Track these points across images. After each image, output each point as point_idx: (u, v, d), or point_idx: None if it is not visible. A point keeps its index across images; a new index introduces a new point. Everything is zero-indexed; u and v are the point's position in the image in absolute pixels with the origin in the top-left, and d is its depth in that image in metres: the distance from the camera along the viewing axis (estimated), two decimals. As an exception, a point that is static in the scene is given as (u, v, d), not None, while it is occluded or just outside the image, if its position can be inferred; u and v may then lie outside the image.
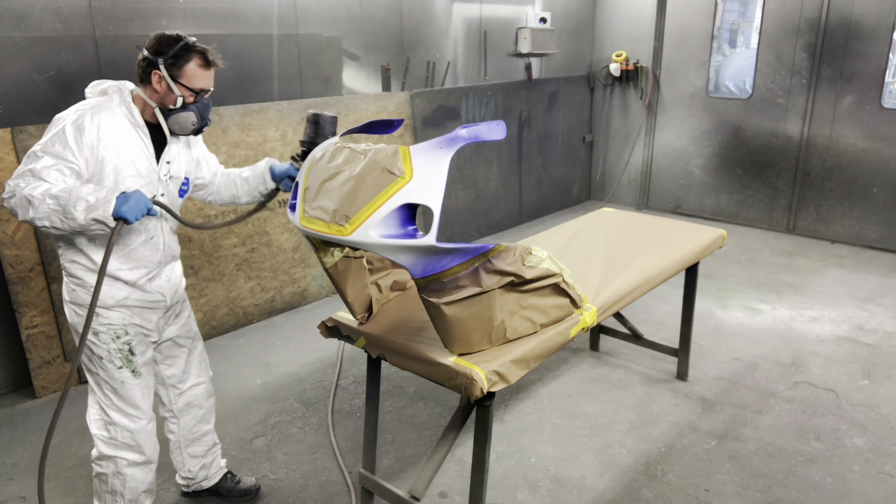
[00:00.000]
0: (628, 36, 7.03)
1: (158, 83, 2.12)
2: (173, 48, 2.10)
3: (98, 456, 2.33)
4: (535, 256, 2.01)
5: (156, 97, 2.15)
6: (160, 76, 2.11)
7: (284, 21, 4.46)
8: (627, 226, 3.41)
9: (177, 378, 2.54)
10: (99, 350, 2.23)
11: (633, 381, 3.70)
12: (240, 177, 2.52)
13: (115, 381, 2.27)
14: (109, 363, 2.24)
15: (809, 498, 2.75)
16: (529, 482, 2.88)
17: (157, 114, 2.16)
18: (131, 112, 2.13)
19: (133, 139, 2.12)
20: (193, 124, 2.20)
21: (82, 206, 1.88)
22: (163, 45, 2.11)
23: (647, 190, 7.34)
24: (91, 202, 1.89)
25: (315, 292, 4.87)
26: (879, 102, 5.65)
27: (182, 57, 2.11)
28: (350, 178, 1.83)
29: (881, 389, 3.56)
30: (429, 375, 2.06)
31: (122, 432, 2.29)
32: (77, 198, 1.89)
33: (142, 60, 2.13)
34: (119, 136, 2.08)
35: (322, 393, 3.61)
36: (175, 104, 2.15)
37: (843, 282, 5.13)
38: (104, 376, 2.26)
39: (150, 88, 2.14)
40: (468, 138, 1.75)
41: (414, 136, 5.39)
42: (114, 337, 2.23)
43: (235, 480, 2.80)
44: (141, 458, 2.34)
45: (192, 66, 2.13)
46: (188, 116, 2.18)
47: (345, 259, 2.17)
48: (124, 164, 2.08)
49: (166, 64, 2.10)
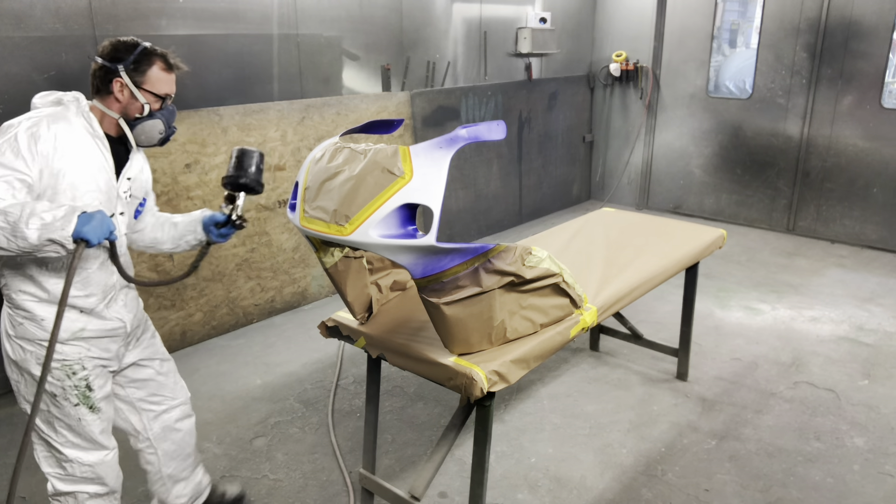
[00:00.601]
0: (628, 36, 7.03)
1: (120, 91, 1.97)
2: (132, 53, 1.97)
3: (54, 493, 2.14)
4: (535, 256, 2.01)
5: (118, 107, 2.00)
6: (122, 84, 1.96)
7: (284, 21, 4.46)
8: (627, 226, 3.41)
9: (148, 401, 2.33)
10: (52, 388, 2.02)
11: (633, 381, 3.70)
12: (169, 221, 2.32)
13: (71, 419, 2.06)
14: (64, 401, 2.04)
15: (809, 498, 2.75)
16: (529, 482, 2.88)
17: (121, 124, 2.01)
18: (90, 123, 1.96)
19: (92, 151, 1.94)
20: (161, 133, 2.06)
21: (36, 223, 1.68)
22: (120, 52, 1.97)
23: (647, 190, 7.34)
24: (47, 220, 1.69)
25: (315, 292, 4.87)
26: (879, 102, 5.65)
27: (143, 62, 1.98)
28: (350, 178, 1.83)
29: (881, 389, 3.56)
30: (429, 375, 2.06)
31: (79, 467, 2.11)
32: (31, 214, 1.69)
33: (98, 70, 1.98)
34: (77, 147, 1.90)
35: (322, 393, 3.61)
36: (141, 112, 2.00)
37: (843, 282, 5.13)
38: (57, 414, 2.05)
39: (111, 98, 1.98)
40: (468, 138, 1.75)
41: (414, 136, 5.39)
42: (69, 373, 2.03)
43: (220, 493, 2.67)
44: (104, 490, 2.16)
45: (155, 71, 2.00)
46: (155, 125, 2.04)
47: (345, 259, 2.17)
48: (83, 179, 1.90)
49: (128, 70, 1.96)
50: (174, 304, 4.04)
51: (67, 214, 1.72)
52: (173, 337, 4.05)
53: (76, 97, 1.98)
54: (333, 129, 4.70)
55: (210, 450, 3.12)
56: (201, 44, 4.06)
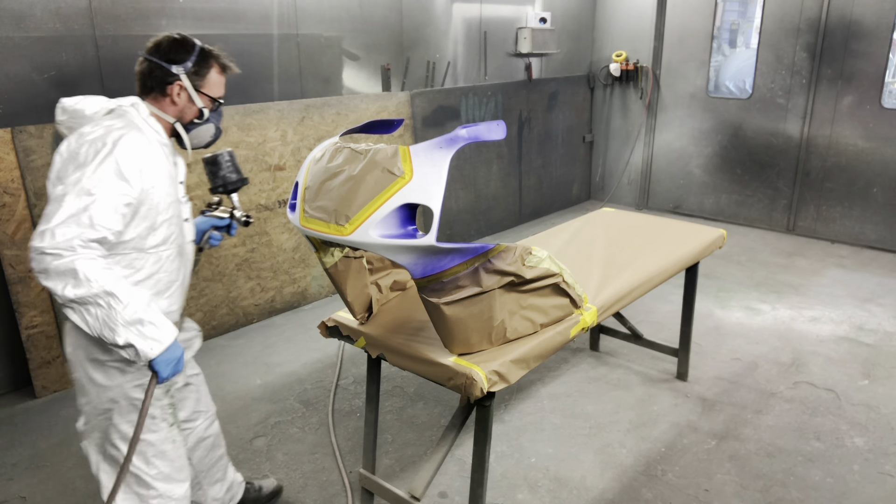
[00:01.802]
0: (628, 36, 7.03)
1: (178, 95, 1.88)
2: (192, 55, 1.88)
3: None
4: (535, 256, 2.01)
5: (173, 110, 1.91)
6: (181, 87, 1.88)
7: (284, 21, 4.46)
8: (627, 226, 3.41)
9: (187, 420, 2.30)
10: (152, 409, 1.92)
11: (633, 381, 3.70)
12: None
13: (165, 443, 1.96)
14: (162, 422, 1.95)
15: (809, 498, 2.75)
16: (529, 482, 2.88)
17: (178, 129, 1.92)
18: (157, 131, 1.88)
19: (163, 161, 1.86)
20: (211, 136, 2.01)
21: (133, 330, 1.64)
22: (179, 52, 1.87)
23: (647, 190, 7.34)
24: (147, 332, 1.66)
25: (315, 292, 4.87)
26: (879, 102, 5.65)
27: (204, 64, 1.91)
28: (350, 178, 1.83)
29: (881, 389, 3.56)
30: (429, 375, 2.06)
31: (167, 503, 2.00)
32: (134, 315, 1.64)
33: (154, 69, 1.86)
34: (155, 159, 1.82)
35: (322, 393, 3.61)
36: (199, 117, 1.93)
37: (843, 282, 5.12)
38: (154, 440, 1.94)
39: (166, 101, 1.89)
40: (468, 138, 1.75)
41: (414, 136, 5.39)
42: (165, 390, 1.96)
43: (257, 488, 2.68)
44: None
45: (213, 74, 1.94)
46: (208, 129, 1.97)
47: (345, 259, 2.17)
48: (165, 191, 1.84)
49: (188, 73, 1.88)
50: (174, 304, 4.03)
51: (164, 335, 1.70)
52: (173, 337, 4.04)
53: (134, 104, 1.87)
54: (333, 129, 4.70)
55: (210, 450, 3.12)
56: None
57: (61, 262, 1.57)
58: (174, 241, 1.92)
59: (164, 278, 1.92)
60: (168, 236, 1.88)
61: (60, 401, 3.56)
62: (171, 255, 1.92)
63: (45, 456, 3.11)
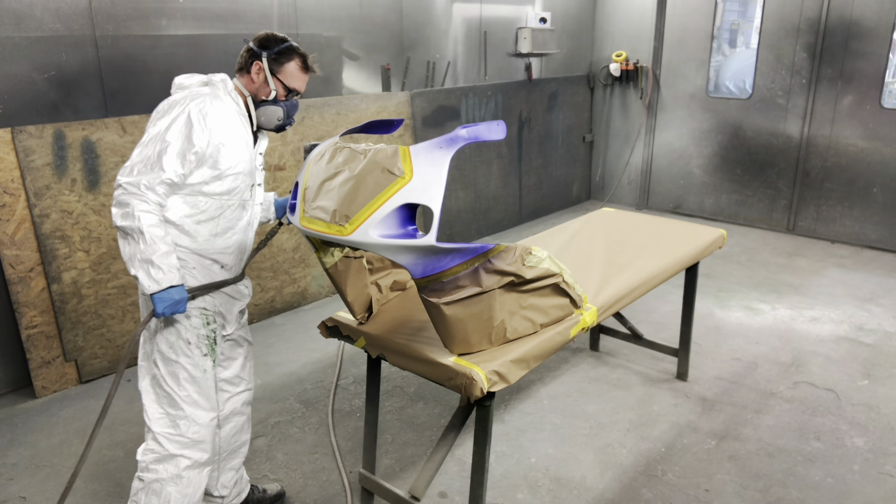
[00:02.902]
0: (628, 36, 7.03)
1: (257, 73, 2.21)
2: (279, 45, 2.21)
3: (157, 458, 2.16)
4: (535, 256, 2.01)
5: (251, 87, 2.23)
6: (260, 67, 2.20)
7: (284, 21, 4.46)
8: (627, 226, 3.41)
9: (229, 382, 2.45)
10: (188, 334, 2.17)
11: (633, 381, 3.70)
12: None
13: (198, 370, 2.19)
14: (196, 349, 2.18)
15: (809, 498, 2.75)
16: (529, 482, 2.88)
17: (248, 102, 2.23)
18: (237, 102, 2.20)
19: (240, 128, 2.18)
20: (279, 119, 2.25)
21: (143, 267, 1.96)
22: (269, 42, 2.21)
23: (647, 190, 7.34)
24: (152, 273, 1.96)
25: (315, 292, 4.87)
26: (879, 102, 5.65)
27: (285, 55, 2.21)
28: (350, 178, 1.83)
29: (881, 389, 3.56)
30: (429, 375, 2.06)
31: (192, 427, 2.18)
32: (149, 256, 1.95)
33: (246, 51, 2.23)
34: (231, 123, 2.14)
35: (322, 393, 3.61)
36: (268, 96, 2.22)
37: (843, 282, 5.12)
38: (186, 364, 2.17)
39: (248, 78, 2.23)
40: (468, 138, 1.75)
41: (414, 136, 5.39)
42: (205, 322, 2.21)
43: (262, 490, 2.72)
44: (204, 457, 2.22)
45: (292, 66, 2.22)
46: (276, 111, 2.24)
47: (345, 259, 2.17)
48: (237, 150, 2.15)
49: (269, 58, 2.19)
50: (174, 304, 4.03)
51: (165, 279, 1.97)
52: (173, 337, 4.04)
53: (223, 79, 2.21)
54: (333, 129, 4.70)
55: (210, 450, 3.12)
56: (201, 44, 4.06)
57: (125, 197, 1.96)
58: (238, 194, 2.21)
59: (223, 223, 2.20)
60: (232, 188, 2.17)
61: (60, 401, 3.56)
62: (233, 205, 2.21)
63: (45, 456, 3.11)
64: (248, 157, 2.21)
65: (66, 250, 3.53)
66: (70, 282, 3.57)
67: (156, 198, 1.99)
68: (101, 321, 3.73)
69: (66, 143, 3.48)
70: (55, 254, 3.50)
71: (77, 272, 3.58)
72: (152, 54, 3.86)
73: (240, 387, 2.49)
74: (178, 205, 2.10)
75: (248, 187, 2.26)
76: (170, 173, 2.01)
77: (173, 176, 2.02)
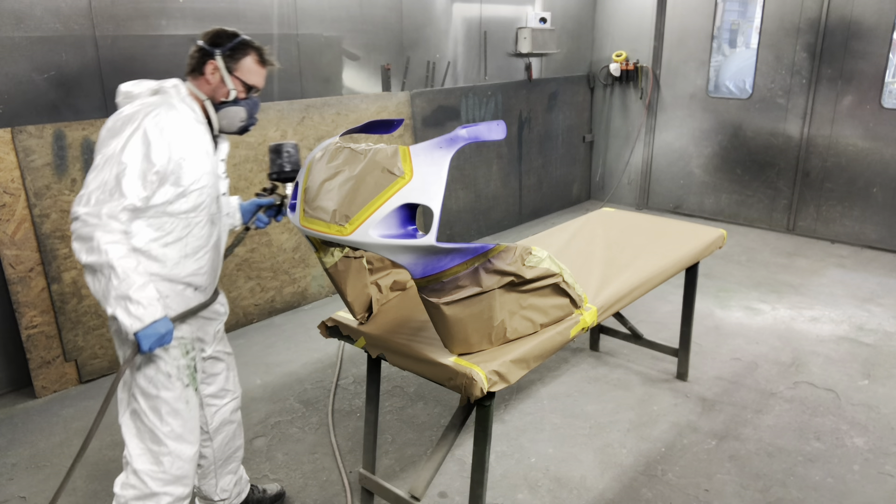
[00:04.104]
0: (628, 36, 7.03)
1: (212, 73, 2.07)
2: (232, 41, 2.08)
3: (138, 495, 2.06)
4: (535, 256, 2.01)
5: (207, 89, 2.09)
6: (215, 66, 2.06)
7: (284, 21, 4.46)
8: (627, 226, 3.41)
9: (214, 396, 2.39)
10: (167, 367, 2.04)
11: (633, 381, 3.70)
12: None
13: (181, 402, 2.07)
14: (178, 381, 2.06)
15: (809, 498, 2.75)
16: (529, 482, 2.88)
17: (207, 106, 2.10)
18: (193, 109, 2.05)
19: (200, 136, 2.04)
20: (242, 121, 2.14)
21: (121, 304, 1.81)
22: (221, 38, 2.09)
23: (647, 190, 7.33)
24: (131, 310, 1.82)
25: (315, 292, 4.87)
26: (879, 102, 5.65)
27: (240, 50, 2.09)
28: (350, 178, 1.83)
29: (881, 389, 3.56)
30: (429, 375, 2.06)
31: (176, 463, 2.08)
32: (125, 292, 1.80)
33: (196, 51, 2.09)
34: (190, 133, 1.99)
35: (322, 393, 3.61)
36: (227, 97, 2.10)
37: (843, 282, 5.12)
38: (168, 397, 2.05)
39: (202, 80, 2.08)
40: (468, 138, 1.75)
41: (414, 136, 5.39)
42: (184, 352, 2.08)
43: (262, 490, 2.71)
44: (185, 492, 2.14)
45: (248, 61, 2.11)
46: (238, 112, 2.12)
47: (345, 259, 2.17)
48: (199, 163, 2.01)
49: (223, 55, 2.07)
50: (174, 304, 4.03)
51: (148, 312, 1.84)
52: (173, 337, 4.04)
53: (175, 85, 2.06)
54: (333, 129, 4.70)
55: (210, 450, 3.12)
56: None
57: (86, 230, 1.79)
58: (205, 209, 2.07)
59: (193, 242, 2.07)
60: (198, 204, 2.03)
61: (60, 401, 3.56)
62: (200, 222, 2.07)
63: (45, 456, 3.11)
64: (210, 167, 2.07)
65: (66, 250, 3.53)
66: (70, 282, 3.57)
67: (120, 226, 1.83)
68: (101, 321, 3.73)
69: (66, 143, 3.48)
70: (55, 254, 3.50)
71: (77, 272, 3.58)
72: (152, 54, 3.86)
73: (226, 398, 2.42)
74: (143, 229, 1.95)
75: (213, 200, 2.12)
76: (132, 198, 1.84)
77: (136, 200, 1.85)
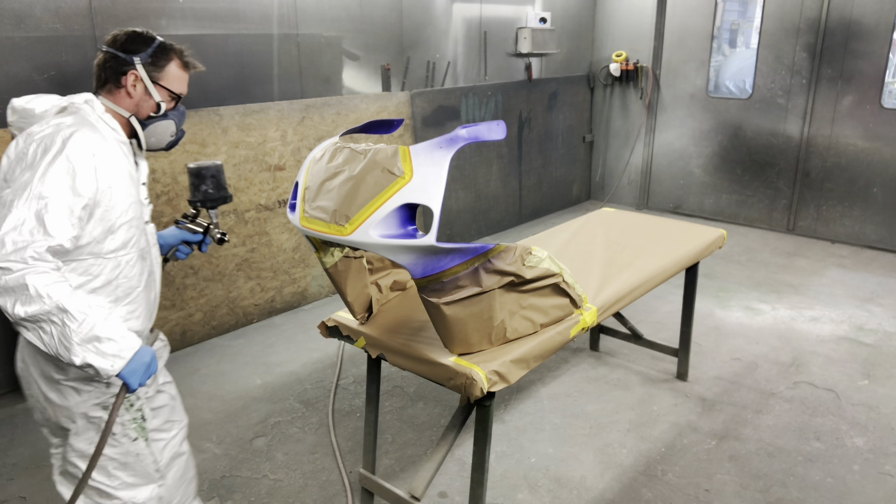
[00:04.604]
0: (628, 36, 7.03)
1: (133, 86, 1.78)
2: (150, 46, 1.78)
3: None
4: (535, 256, 2.01)
5: (129, 104, 1.80)
6: (137, 77, 1.77)
7: (284, 21, 4.46)
8: (627, 226, 3.41)
9: (160, 430, 2.10)
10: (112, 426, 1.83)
11: (633, 381, 3.70)
12: None
13: (128, 456, 1.88)
14: (123, 437, 1.87)
15: (809, 498, 2.75)
16: (529, 482, 2.88)
17: (133, 123, 1.81)
18: (113, 128, 1.76)
19: (122, 159, 1.75)
20: (172, 135, 1.89)
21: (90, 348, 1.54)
22: (137, 43, 1.77)
23: (647, 190, 7.34)
24: (105, 349, 1.56)
25: (315, 292, 4.87)
26: (879, 102, 5.65)
27: (162, 55, 1.80)
28: (350, 178, 1.83)
29: (881, 389, 3.56)
30: (429, 375, 2.06)
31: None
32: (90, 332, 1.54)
33: (109, 60, 1.77)
34: (113, 157, 1.70)
35: (322, 393, 3.61)
36: (156, 111, 1.82)
37: (843, 282, 5.12)
38: (114, 454, 1.86)
39: (121, 94, 1.78)
40: (468, 138, 1.75)
41: (414, 136, 5.39)
42: (128, 406, 1.88)
43: None
44: None
45: (172, 67, 1.82)
46: (167, 126, 1.86)
47: (345, 259, 2.17)
48: (125, 191, 1.74)
49: (144, 63, 1.77)
50: (174, 304, 4.04)
51: (124, 349, 1.60)
52: (173, 337, 4.05)
53: (88, 101, 1.75)
54: (333, 129, 4.70)
55: (210, 450, 3.12)
56: (201, 44, 4.05)
57: (11, 277, 1.46)
58: (134, 244, 1.80)
59: (124, 284, 1.80)
60: (128, 240, 1.77)
61: (60, 401, 3.56)
62: (131, 260, 1.80)
63: (45, 456, 3.10)
64: (136, 195, 1.79)
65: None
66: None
67: (51, 265, 1.53)
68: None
69: (66, 143, 3.48)
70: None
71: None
72: (152, 54, 3.86)
73: (173, 430, 2.14)
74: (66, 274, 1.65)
75: (142, 233, 1.85)
76: (60, 238, 1.54)
77: (65, 241, 1.55)
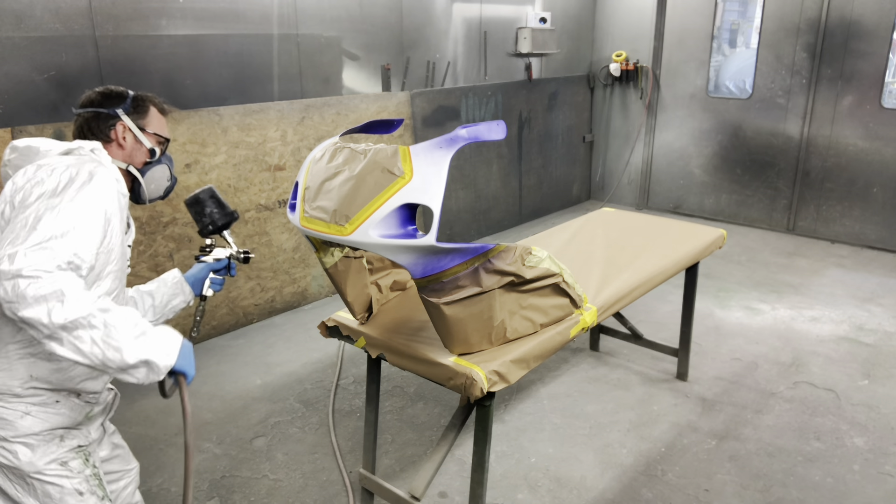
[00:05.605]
0: (628, 36, 7.03)
1: (124, 137, 1.77)
2: (127, 98, 1.79)
3: None
4: (535, 256, 2.01)
5: (122, 155, 1.78)
6: (125, 127, 1.77)
7: (284, 21, 4.46)
8: (627, 226, 3.41)
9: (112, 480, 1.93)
10: (75, 483, 1.66)
11: (633, 381, 3.70)
12: (141, 293, 2.01)
13: None
14: (91, 496, 1.69)
15: (809, 498, 2.75)
16: (529, 482, 2.88)
17: (133, 172, 1.80)
18: (117, 178, 1.67)
19: (120, 211, 1.66)
20: (168, 180, 1.89)
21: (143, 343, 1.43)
22: (113, 98, 1.78)
23: (647, 190, 7.34)
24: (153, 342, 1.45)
25: (315, 292, 4.87)
26: (879, 102, 5.65)
27: (141, 104, 1.81)
28: (350, 178, 1.83)
29: (881, 389, 3.56)
30: (429, 375, 2.06)
31: None
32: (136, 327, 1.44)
33: (91, 119, 1.75)
34: (116, 205, 1.63)
35: (322, 393, 3.61)
36: (151, 157, 1.82)
37: (843, 282, 5.12)
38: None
39: (113, 146, 1.77)
40: (468, 138, 1.75)
41: (414, 136, 5.39)
42: (85, 459, 1.71)
43: None
44: None
45: (153, 112, 1.84)
46: (163, 171, 1.86)
47: (345, 259, 2.17)
48: (119, 240, 1.66)
49: (128, 113, 1.78)
50: (174, 304, 4.03)
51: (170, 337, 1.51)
52: (173, 337, 4.04)
53: (94, 149, 1.68)
54: (333, 129, 4.70)
55: (210, 450, 3.12)
56: (201, 44, 4.06)
57: (42, 283, 1.33)
58: (115, 297, 1.72)
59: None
60: (111, 290, 1.68)
61: (60, 401, 3.56)
62: None
63: None
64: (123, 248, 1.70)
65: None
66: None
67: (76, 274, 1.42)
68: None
69: (66, 143, 3.48)
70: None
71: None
72: (152, 54, 3.86)
73: (123, 480, 1.96)
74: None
75: (122, 288, 1.77)
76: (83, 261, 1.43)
77: (85, 267, 1.43)
